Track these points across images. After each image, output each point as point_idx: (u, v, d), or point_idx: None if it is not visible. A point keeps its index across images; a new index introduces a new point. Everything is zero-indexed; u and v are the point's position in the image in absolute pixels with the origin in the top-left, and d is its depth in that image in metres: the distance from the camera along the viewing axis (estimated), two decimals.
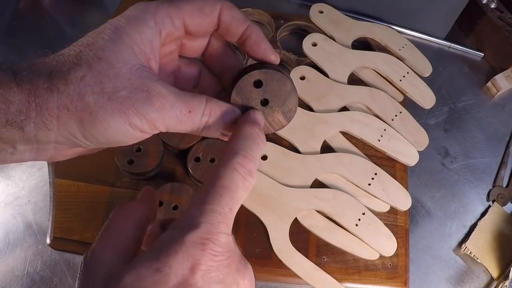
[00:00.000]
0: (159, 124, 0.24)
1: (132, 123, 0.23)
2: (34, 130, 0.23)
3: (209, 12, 0.27)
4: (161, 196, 0.41)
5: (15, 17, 0.59)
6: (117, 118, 0.23)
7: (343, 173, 0.46)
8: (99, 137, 0.24)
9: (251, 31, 0.29)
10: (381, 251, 0.43)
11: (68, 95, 0.22)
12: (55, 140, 0.24)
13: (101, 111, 0.23)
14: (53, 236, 0.42)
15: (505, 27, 0.57)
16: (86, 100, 0.23)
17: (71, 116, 0.23)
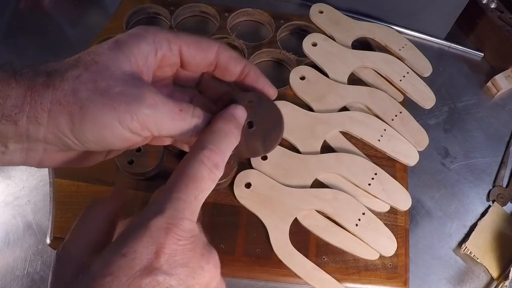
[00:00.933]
0: (150, 123, 0.24)
1: (122, 119, 0.24)
2: (26, 124, 0.23)
3: (206, 47, 0.28)
4: None
5: (15, 17, 0.59)
6: (107, 113, 0.23)
7: (343, 173, 0.46)
8: (87, 133, 0.24)
9: (249, 68, 0.30)
10: (381, 251, 0.43)
11: (63, 90, 0.23)
12: (44, 136, 0.24)
13: (91, 106, 0.23)
14: (53, 236, 0.42)
15: (505, 27, 0.57)
16: (79, 95, 0.23)
17: (62, 110, 0.23)
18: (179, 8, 0.57)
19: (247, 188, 0.44)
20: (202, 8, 0.58)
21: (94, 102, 0.23)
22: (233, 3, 0.58)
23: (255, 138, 0.30)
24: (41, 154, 0.25)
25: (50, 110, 0.23)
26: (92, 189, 0.44)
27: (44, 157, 0.25)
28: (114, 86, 0.24)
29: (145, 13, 0.58)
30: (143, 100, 0.24)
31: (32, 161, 0.25)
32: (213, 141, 0.26)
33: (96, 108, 0.23)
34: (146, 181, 0.45)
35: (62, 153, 0.26)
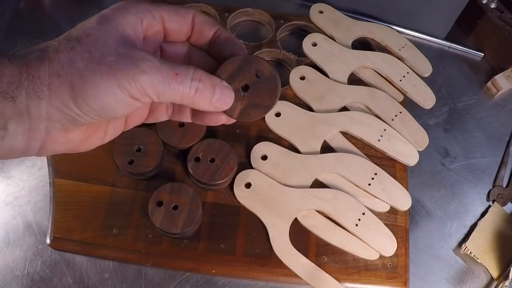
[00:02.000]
0: (147, 87, 0.25)
1: (121, 85, 0.24)
2: (25, 101, 0.23)
3: (184, 13, 0.29)
4: (161, 196, 0.41)
5: (15, 17, 0.59)
6: (107, 80, 0.24)
7: (343, 173, 0.46)
8: (90, 102, 0.24)
9: (221, 31, 0.31)
10: (381, 251, 0.43)
11: (59, 61, 0.24)
12: (47, 112, 0.24)
13: (91, 74, 0.24)
14: (53, 236, 0.42)
15: (505, 27, 0.57)
16: (77, 65, 0.24)
17: (62, 82, 0.24)
18: None
19: (247, 188, 0.44)
20: (202, 8, 0.58)
21: (93, 71, 0.24)
22: (233, 3, 0.58)
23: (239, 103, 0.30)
24: (43, 135, 0.25)
25: (49, 83, 0.24)
26: (92, 189, 0.44)
27: (46, 139, 0.25)
28: (108, 54, 0.24)
29: None
30: (137, 66, 0.24)
31: (34, 146, 0.25)
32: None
33: (95, 76, 0.24)
34: (146, 181, 0.45)
35: (64, 133, 0.26)
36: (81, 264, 0.43)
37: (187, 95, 0.26)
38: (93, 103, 0.24)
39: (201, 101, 0.27)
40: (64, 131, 0.26)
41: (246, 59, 0.30)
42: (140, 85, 0.24)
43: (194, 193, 0.42)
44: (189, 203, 0.41)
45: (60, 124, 0.25)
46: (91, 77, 0.24)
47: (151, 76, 0.25)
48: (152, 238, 0.42)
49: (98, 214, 0.43)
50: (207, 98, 0.27)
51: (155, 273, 0.43)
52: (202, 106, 0.28)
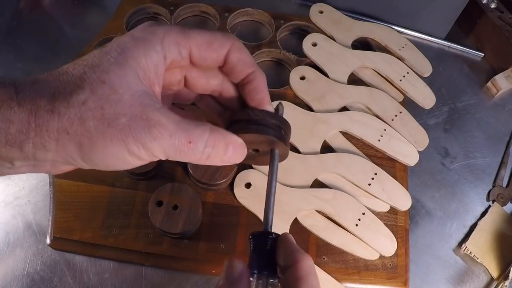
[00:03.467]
0: (157, 152, 0.24)
1: (131, 150, 0.24)
2: (32, 150, 0.23)
3: (218, 48, 0.27)
4: (161, 196, 0.41)
5: (15, 17, 0.59)
6: (116, 145, 0.23)
7: (343, 173, 0.46)
8: (97, 162, 0.24)
9: (255, 76, 0.28)
10: (381, 251, 0.43)
11: (69, 118, 0.23)
12: (52, 159, 0.24)
13: (100, 137, 0.23)
14: (53, 236, 0.42)
15: (505, 27, 0.57)
16: (87, 125, 0.23)
17: (70, 139, 0.23)
18: (179, 8, 0.57)
19: (247, 188, 0.44)
20: (202, 8, 0.58)
21: (103, 133, 0.23)
22: (233, 3, 0.58)
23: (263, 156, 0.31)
24: (48, 167, 0.25)
25: (57, 139, 0.23)
26: (92, 189, 0.44)
27: (51, 169, 0.25)
28: (121, 114, 0.23)
29: (145, 13, 0.58)
30: (149, 134, 0.23)
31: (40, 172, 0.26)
32: None
33: (105, 140, 0.23)
34: (146, 181, 0.45)
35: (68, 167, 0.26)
36: (81, 264, 0.43)
37: (198, 160, 0.26)
38: (100, 163, 0.24)
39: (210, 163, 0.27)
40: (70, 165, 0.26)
41: (268, 139, 0.28)
42: (150, 151, 0.24)
43: (194, 193, 0.42)
44: (189, 203, 0.41)
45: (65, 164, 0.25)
46: (101, 140, 0.23)
47: (163, 143, 0.24)
48: (152, 238, 0.42)
49: (98, 214, 0.43)
50: (217, 159, 0.27)
51: (155, 273, 0.43)
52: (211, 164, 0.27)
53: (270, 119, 0.28)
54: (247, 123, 0.28)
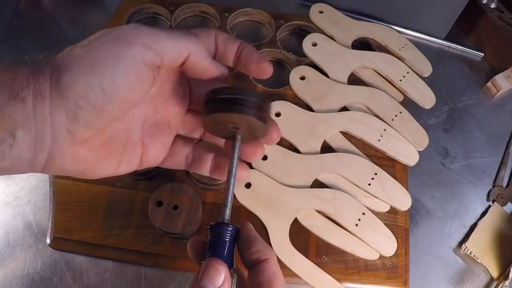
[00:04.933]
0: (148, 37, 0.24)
1: (121, 48, 0.24)
2: (32, 101, 0.23)
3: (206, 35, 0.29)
4: (161, 196, 0.41)
5: (15, 17, 0.59)
6: (105, 47, 0.24)
7: (343, 173, 0.46)
8: (89, 78, 0.23)
9: (244, 45, 0.30)
10: (381, 251, 0.43)
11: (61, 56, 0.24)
12: (49, 112, 0.24)
13: (87, 52, 0.24)
14: (53, 236, 0.42)
15: (505, 27, 0.57)
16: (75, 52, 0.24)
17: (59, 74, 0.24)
18: (179, 8, 0.57)
19: (247, 188, 0.44)
20: (202, 8, 0.58)
21: (89, 49, 0.24)
22: (233, 3, 0.58)
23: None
24: (49, 144, 0.24)
25: (50, 78, 0.24)
26: (92, 189, 0.44)
27: (53, 149, 0.25)
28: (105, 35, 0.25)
29: (145, 13, 0.58)
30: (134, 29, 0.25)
31: (41, 156, 0.25)
32: None
33: (92, 51, 0.24)
34: (146, 181, 0.45)
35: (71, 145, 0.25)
36: (81, 264, 0.43)
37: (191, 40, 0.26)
38: (92, 77, 0.23)
39: (204, 52, 0.27)
40: (72, 142, 0.25)
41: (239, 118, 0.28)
42: (142, 39, 0.24)
43: (194, 193, 0.42)
44: (189, 203, 0.41)
45: (65, 130, 0.24)
46: (87, 53, 0.24)
47: (151, 29, 0.25)
48: (152, 238, 0.42)
49: (98, 214, 0.43)
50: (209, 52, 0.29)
51: (155, 273, 0.43)
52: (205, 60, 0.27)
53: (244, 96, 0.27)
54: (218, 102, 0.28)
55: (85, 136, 0.25)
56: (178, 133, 0.32)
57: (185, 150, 0.32)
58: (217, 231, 0.28)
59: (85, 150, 0.26)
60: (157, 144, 0.30)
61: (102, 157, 0.27)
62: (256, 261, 0.27)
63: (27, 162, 0.25)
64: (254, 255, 0.27)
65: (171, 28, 0.29)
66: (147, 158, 0.30)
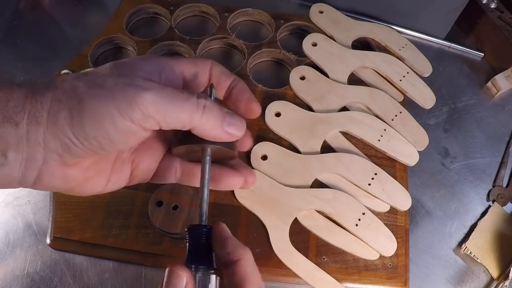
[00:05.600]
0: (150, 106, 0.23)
1: (121, 108, 0.23)
2: (26, 126, 0.23)
3: (202, 64, 0.29)
4: (161, 196, 0.41)
5: (15, 17, 0.59)
6: (106, 103, 0.23)
7: (343, 173, 0.46)
8: (86, 127, 0.23)
9: (237, 81, 0.31)
10: (381, 251, 0.43)
11: (62, 88, 0.24)
12: (43, 139, 0.24)
13: (89, 98, 0.23)
14: (53, 236, 0.42)
15: (505, 27, 0.57)
16: (78, 90, 0.24)
17: (61, 107, 0.23)
18: (179, 8, 0.57)
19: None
20: (202, 8, 0.58)
21: (92, 95, 0.23)
22: (233, 3, 0.58)
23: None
24: (40, 165, 0.25)
25: (49, 108, 0.23)
26: None
27: (43, 170, 0.25)
28: (111, 80, 0.24)
29: (145, 13, 0.58)
30: (139, 87, 0.23)
31: (30, 175, 0.25)
32: None
33: (94, 99, 0.23)
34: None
35: (61, 167, 0.25)
36: (81, 264, 0.43)
37: (196, 112, 0.24)
38: (89, 128, 0.23)
39: (211, 122, 0.25)
40: (62, 165, 0.25)
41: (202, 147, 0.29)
42: (143, 105, 0.23)
43: (194, 193, 0.42)
44: (189, 203, 0.41)
45: (57, 155, 0.24)
46: (89, 100, 0.23)
47: (155, 94, 0.23)
48: (152, 238, 0.42)
49: (98, 214, 0.43)
50: (217, 119, 0.26)
51: (155, 273, 0.43)
52: (213, 129, 0.26)
53: None
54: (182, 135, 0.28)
55: (75, 161, 0.26)
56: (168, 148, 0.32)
57: (173, 165, 0.31)
58: (192, 233, 0.28)
59: (74, 171, 0.26)
60: (146, 161, 0.30)
61: (91, 176, 0.27)
62: (228, 262, 0.26)
63: (18, 180, 0.25)
64: (226, 256, 0.26)
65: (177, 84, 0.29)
66: (137, 174, 0.30)
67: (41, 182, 0.25)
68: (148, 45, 0.53)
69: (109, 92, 0.23)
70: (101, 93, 0.23)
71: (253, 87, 0.51)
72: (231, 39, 0.55)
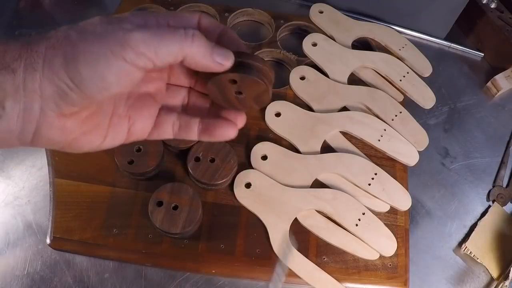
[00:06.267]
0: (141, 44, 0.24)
1: (113, 50, 0.24)
2: (23, 73, 0.24)
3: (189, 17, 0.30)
4: (161, 196, 0.41)
5: (15, 17, 0.59)
6: (98, 46, 0.24)
7: (343, 173, 0.46)
8: (82, 70, 0.24)
9: (226, 30, 0.31)
10: (381, 251, 0.43)
11: (56, 37, 0.25)
12: (39, 85, 0.24)
13: (82, 42, 0.24)
14: (53, 236, 0.42)
15: (505, 27, 0.57)
16: (71, 37, 0.25)
17: (56, 53, 0.24)
18: (179, 8, 0.57)
19: (247, 188, 0.44)
20: (202, 8, 0.58)
21: (85, 39, 0.24)
22: (233, 3, 0.58)
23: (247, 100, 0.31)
24: (37, 116, 0.25)
25: (45, 54, 0.24)
26: (92, 189, 0.44)
27: (41, 121, 0.25)
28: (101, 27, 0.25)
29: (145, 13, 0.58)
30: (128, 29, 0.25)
31: (29, 128, 0.25)
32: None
33: (87, 43, 0.24)
34: (146, 181, 0.45)
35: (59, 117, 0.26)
36: (81, 264, 0.43)
37: (185, 41, 0.25)
38: (85, 70, 0.24)
39: (201, 50, 0.26)
40: (59, 115, 0.26)
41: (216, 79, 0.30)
42: (134, 43, 0.24)
43: (194, 193, 0.42)
44: (189, 203, 0.41)
45: (53, 103, 0.25)
46: (82, 44, 0.24)
47: (143, 33, 0.24)
48: (152, 238, 0.42)
49: (98, 214, 0.43)
50: (207, 47, 0.26)
51: (155, 273, 0.43)
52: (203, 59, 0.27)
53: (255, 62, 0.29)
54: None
55: (71, 110, 0.26)
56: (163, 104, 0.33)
57: (170, 119, 0.32)
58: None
59: (71, 122, 0.27)
60: (143, 117, 0.31)
61: (89, 129, 0.28)
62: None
63: (16, 134, 0.25)
64: None
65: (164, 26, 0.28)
66: (134, 130, 0.31)
67: (40, 135, 0.26)
68: None
69: (101, 36, 0.24)
70: (93, 38, 0.24)
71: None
72: None
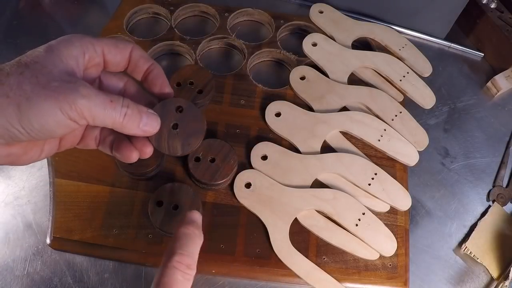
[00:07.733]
0: (85, 110, 0.28)
1: (62, 108, 0.27)
2: None
3: (123, 47, 0.34)
4: (161, 196, 0.41)
5: (15, 17, 0.59)
6: (50, 103, 0.27)
7: (343, 173, 0.46)
8: (33, 121, 0.27)
9: (154, 66, 0.35)
10: (381, 251, 0.43)
11: (9, 84, 0.27)
12: None
13: (36, 97, 0.27)
14: (53, 236, 0.42)
15: (505, 27, 0.57)
16: (24, 88, 0.27)
17: (10, 102, 0.27)
18: (179, 8, 0.57)
19: (247, 188, 0.44)
20: (202, 8, 0.58)
21: (38, 94, 0.27)
22: (233, 3, 0.58)
23: (177, 140, 0.36)
24: None
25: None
26: (92, 189, 0.44)
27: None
28: (53, 81, 0.28)
29: (145, 13, 0.58)
30: (78, 92, 0.28)
31: None
32: (181, 246, 0.31)
33: (40, 98, 0.27)
34: (146, 181, 0.45)
35: (6, 147, 0.29)
36: (81, 264, 0.43)
37: (118, 120, 0.30)
38: (36, 122, 0.27)
39: (129, 125, 0.31)
40: (6, 146, 0.29)
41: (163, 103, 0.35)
42: (80, 109, 0.28)
43: (194, 193, 0.42)
44: (189, 203, 0.41)
45: (4, 140, 0.28)
46: (36, 99, 0.27)
47: (90, 100, 0.28)
48: (152, 238, 0.42)
49: (98, 214, 0.43)
50: (135, 122, 0.31)
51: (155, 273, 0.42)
52: (131, 130, 0.31)
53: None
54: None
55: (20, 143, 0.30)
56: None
57: (94, 134, 0.35)
58: None
59: (15, 149, 0.30)
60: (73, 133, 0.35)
61: (28, 150, 0.31)
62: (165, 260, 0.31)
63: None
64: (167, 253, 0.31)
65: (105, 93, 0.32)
66: (65, 143, 0.34)
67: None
68: (148, 45, 0.53)
69: (53, 93, 0.27)
70: (46, 93, 0.27)
71: (253, 87, 0.51)
72: (231, 39, 0.55)
